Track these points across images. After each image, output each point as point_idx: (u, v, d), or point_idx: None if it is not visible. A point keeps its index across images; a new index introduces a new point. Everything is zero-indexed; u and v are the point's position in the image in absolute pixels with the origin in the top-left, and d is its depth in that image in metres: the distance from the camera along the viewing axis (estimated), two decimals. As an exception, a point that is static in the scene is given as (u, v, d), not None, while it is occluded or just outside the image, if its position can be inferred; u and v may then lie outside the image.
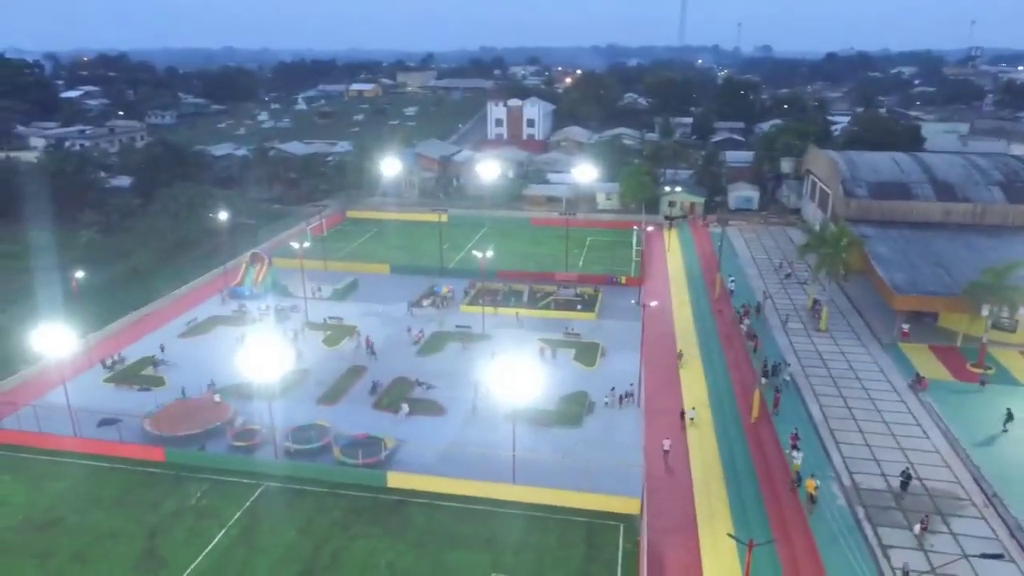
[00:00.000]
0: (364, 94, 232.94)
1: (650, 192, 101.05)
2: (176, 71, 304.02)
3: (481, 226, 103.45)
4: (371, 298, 74.25)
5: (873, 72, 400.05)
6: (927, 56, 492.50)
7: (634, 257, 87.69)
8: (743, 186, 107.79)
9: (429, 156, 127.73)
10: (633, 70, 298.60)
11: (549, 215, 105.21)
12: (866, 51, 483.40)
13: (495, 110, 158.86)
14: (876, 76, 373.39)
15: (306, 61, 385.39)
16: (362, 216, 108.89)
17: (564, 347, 61.44)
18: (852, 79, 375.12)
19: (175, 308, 71.89)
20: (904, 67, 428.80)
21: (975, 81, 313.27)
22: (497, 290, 75.58)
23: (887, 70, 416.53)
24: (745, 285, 70.48)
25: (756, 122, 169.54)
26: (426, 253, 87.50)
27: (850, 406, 46.49)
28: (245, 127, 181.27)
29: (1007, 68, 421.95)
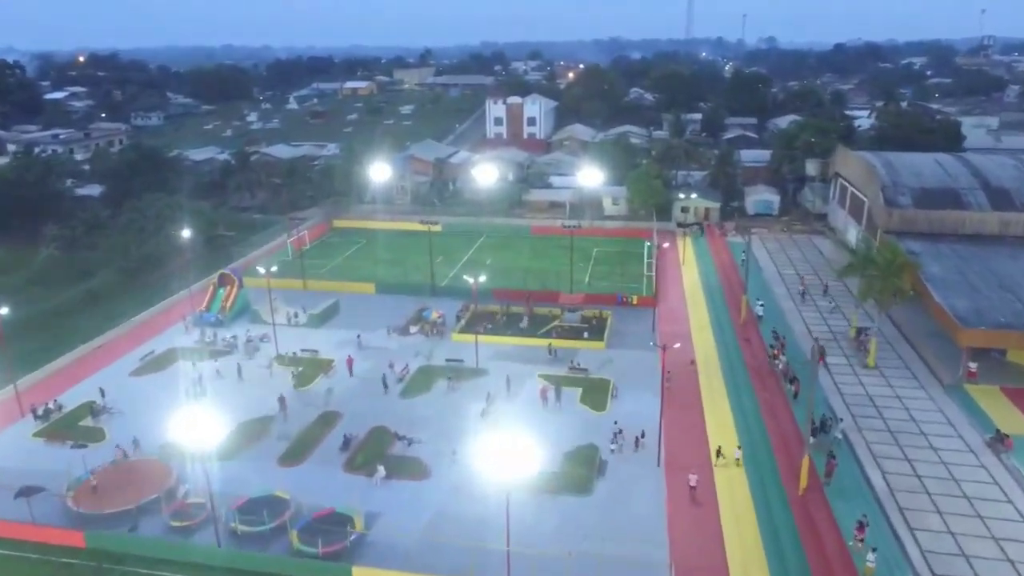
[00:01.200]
0: (359, 92, 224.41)
1: (661, 197, 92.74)
2: (168, 70, 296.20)
3: (478, 236, 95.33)
4: (353, 323, 66.18)
5: (883, 63, 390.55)
6: (937, 46, 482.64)
7: (646, 272, 79.47)
8: (762, 189, 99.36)
9: (423, 158, 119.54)
10: (637, 64, 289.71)
11: (552, 223, 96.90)
12: (874, 42, 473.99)
13: (494, 108, 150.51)
14: (886, 67, 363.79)
15: (302, 59, 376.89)
16: (350, 225, 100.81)
17: (569, 385, 53.36)
18: (862, 71, 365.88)
19: (132, 339, 63.96)
20: (914, 58, 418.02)
21: (989, 71, 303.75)
22: (494, 313, 67.51)
23: (897, 61, 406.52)
24: (774, 307, 62.13)
25: (769, 117, 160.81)
26: (418, 267, 79.30)
27: (919, 473, 38.27)
28: (233, 128, 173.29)
29: (1020, 58, 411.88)
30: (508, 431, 45.31)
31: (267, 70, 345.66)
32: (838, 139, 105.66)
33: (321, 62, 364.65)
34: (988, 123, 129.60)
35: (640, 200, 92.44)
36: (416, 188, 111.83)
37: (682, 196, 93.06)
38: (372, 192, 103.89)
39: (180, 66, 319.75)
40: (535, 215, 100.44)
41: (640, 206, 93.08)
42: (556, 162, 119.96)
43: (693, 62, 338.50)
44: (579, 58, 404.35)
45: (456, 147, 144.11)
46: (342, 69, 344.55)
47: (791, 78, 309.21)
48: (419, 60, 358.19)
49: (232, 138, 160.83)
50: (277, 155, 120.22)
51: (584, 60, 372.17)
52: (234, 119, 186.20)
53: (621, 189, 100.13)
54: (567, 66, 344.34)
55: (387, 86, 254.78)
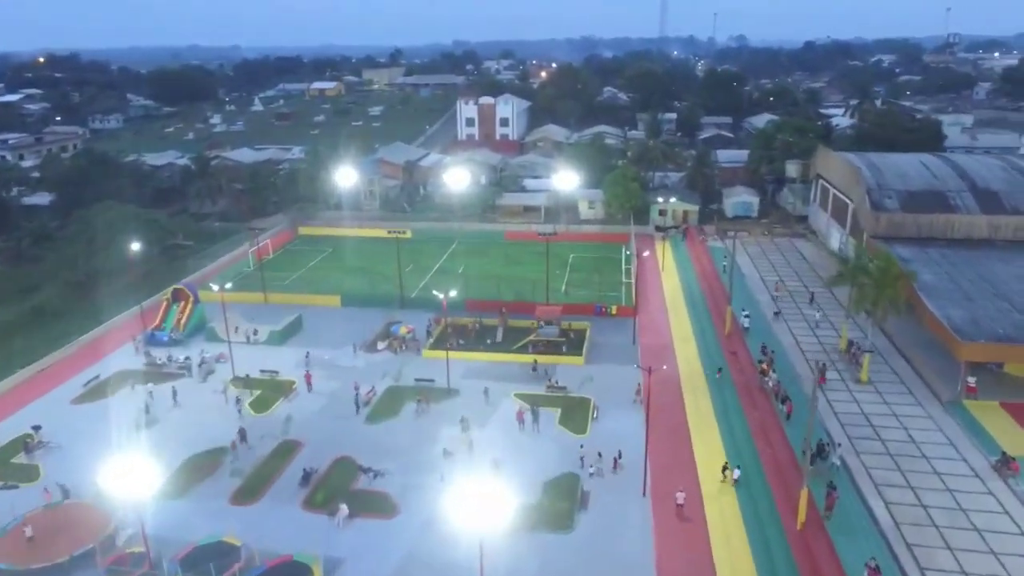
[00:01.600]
0: (326, 93, 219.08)
1: (638, 200, 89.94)
2: (129, 71, 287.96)
3: (450, 242, 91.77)
4: (317, 340, 62.27)
5: (852, 61, 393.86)
6: (905, 44, 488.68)
7: (624, 279, 76.54)
8: (741, 190, 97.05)
9: (392, 162, 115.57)
10: (610, 63, 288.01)
11: (526, 228, 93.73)
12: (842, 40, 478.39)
13: (465, 108, 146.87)
14: (856, 65, 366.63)
15: (270, 59, 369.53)
16: (316, 233, 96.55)
17: (547, 405, 50.10)
18: (832, 69, 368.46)
19: (76, 361, 59.42)
20: (883, 55, 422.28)
21: (956, 69, 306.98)
22: (466, 326, 64.03)
23: (866, 59, 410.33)
24: (760, 318, 59.36)
25: (744, 116, 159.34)
26: (386, 277, 75.56)
27: (925, 503, 35.59)
28: (195, 131, 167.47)
29: (984, 55, 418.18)
30: (481, 464, 42.57)
31: (234, 71, 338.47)
32: (816, 139, 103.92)
33: (289, 62, 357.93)
34: (963, 121, 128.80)
35: (617, 203, 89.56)
36: (385, 193, 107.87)
37: (660, 200, 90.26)
38: (339, 197, 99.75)
39: (143, 67, 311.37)
40: (509, 220, 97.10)
41: (617, 210, 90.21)
42: (530, 164, 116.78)
43: (665, 61, 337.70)
44: (552, 57, 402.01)
45: (427, 149, 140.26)
46: (311, 69, 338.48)
47: (763, 76, 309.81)
48: (389, 60, 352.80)
49: (194, 141, 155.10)
50: (239, 159, 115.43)
51: (557, 59, 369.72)
52: (197, 121, 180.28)
53: (597, 192, 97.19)
54: (540, 65, 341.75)
55: (356, 86, 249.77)
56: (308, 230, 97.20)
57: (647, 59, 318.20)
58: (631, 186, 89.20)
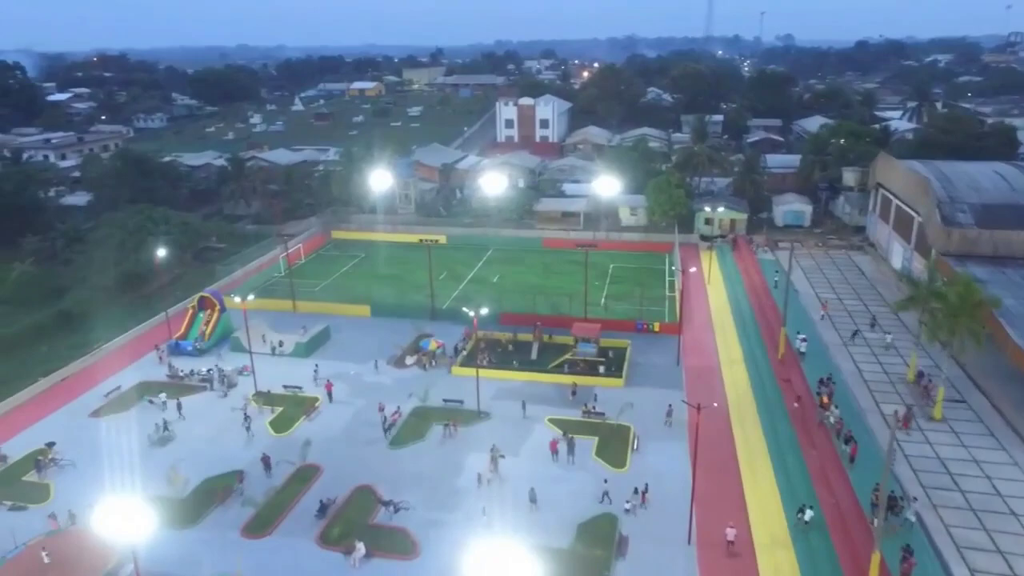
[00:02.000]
0: (366, 93, 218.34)
1: (683, 208, 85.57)
2: (175, 71, 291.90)
3: (485, 249, 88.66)
4: (343, 353, 59.76)
5: (906, 61, 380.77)
6: (961, 43, 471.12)
7: (667, 292, 72.42)
8: (792, 198, 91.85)
9: (429, 164, 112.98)
10: (653, 63, 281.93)
11: (564, 235, 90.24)
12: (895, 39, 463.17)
13: (505, 110, 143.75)
14: (910, 65, 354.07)
15: (313, 58, 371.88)
16: (349, 237, 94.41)
17: (583, 433, 46.55)
18: (885, 69, 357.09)
19: (99, 370, 57.76)
20: (939, 55, 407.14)
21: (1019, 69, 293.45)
22: (500, 341, 60.76)
23: (921, 58, 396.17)
24: (817, 342, 54.73)
25: (794, 119, 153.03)
26: (418, 286, 72.82)
27: (1018, 572, 31.12)
28: (235, 131, 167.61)
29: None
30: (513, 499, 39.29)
31: (277, 70, 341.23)
32: (873, 144, 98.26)
33: (332, 62, 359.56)
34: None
35: (660, 211, 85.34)
36: (421, 196, 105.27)
37: (707, 209, 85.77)
38: (373, 201, 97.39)
39: (192, 67, 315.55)
40: (547, 226, 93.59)
41: (660, 218, 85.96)
42: (569, 168, 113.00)
43: (710, 61, 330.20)
44: (594, 57, 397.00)
45: (464, 151, 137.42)
46: (352, 69, 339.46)
47: (811, 77, 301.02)
48: (430, 60, 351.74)
49: (233, 141, 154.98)
50: (275, 160, 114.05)
51: (599, 59, 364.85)
52: (237, 121, 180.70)
53: (639, 198, 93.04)
54: (581, 65, 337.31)
55: (396, 86, 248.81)
56: (341, 234, 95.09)
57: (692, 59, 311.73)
58: (675, 193, 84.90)
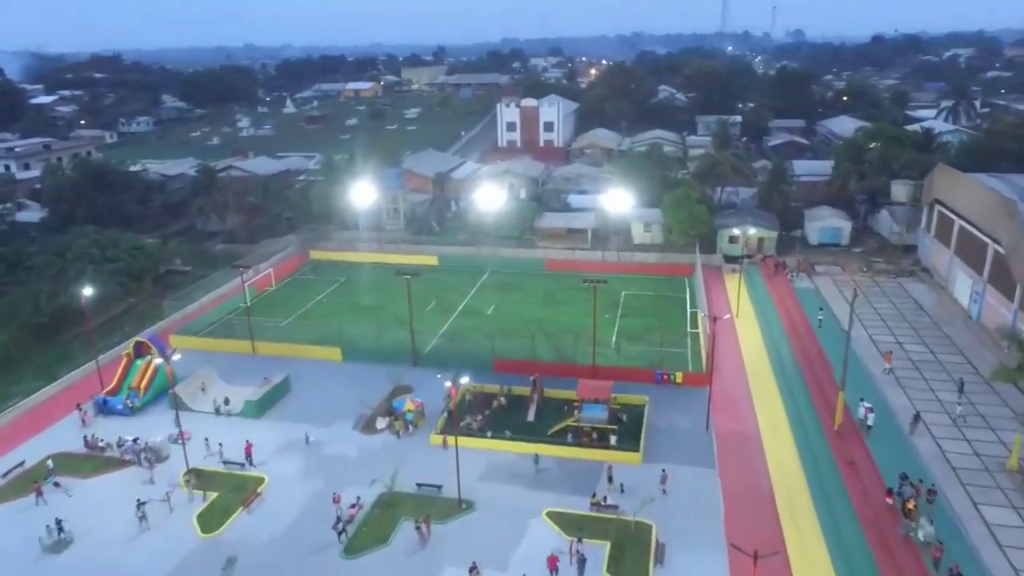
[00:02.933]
0: (361, 94, 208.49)
1: (705, 227, 75.18)
2: (169, 72, 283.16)
3: (481, 271, 78.65)
4: (303, 412, 49.87)
5: (925, 56, 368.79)
6: (979, 37, 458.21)
7: (689, 327, 62.11)
8: (827, 213, 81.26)
9: (421, 173, 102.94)
10: (663, 60, 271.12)
11: (570, 254, 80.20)
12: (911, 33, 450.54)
13: (506, 112, 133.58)
14: (930, 60, 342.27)
15: (313, 58, 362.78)
16: (329, 258, 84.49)
17: (592, 535, 36.39)
18: (902, 64, 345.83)
19: (9, 435, 48.04)
20: (959, 49, 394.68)
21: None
22: (492, 395, 50.70)
23: (940, 53, 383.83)
24: (885, 410, 44.06)
25: (817, 119, 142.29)
26: (403, 319, 62.67)
27: None
28: (221, 136, 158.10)
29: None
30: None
31: (276, 70, 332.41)
32: (912, 149, 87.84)
33: (332, 61, 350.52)
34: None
35: (680, 230, 74.93)
36: (412, 209, 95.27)
37: (735, 231, 75.40)
38: (356, 216, 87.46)
39: (196, 68, 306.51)
40: (550, 244, 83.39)
41: (679, 236, 75.51)
42: (575, 176, 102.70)
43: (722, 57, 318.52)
44: (601, 54, 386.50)
45: (463, 157, 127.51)
46: (353, 68, 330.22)
47: (826, 73, 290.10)
48: (433, 58, 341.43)
49: (218, 147, 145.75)
50: (253, 170, 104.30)
51: (607, 56, 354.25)
52: (225, 125, 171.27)
53: (654, 212, 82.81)
54: (589, 63, 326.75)
55: (394, 87, 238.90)
56: (320, 254, 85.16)
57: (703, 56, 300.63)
58: (696, 209, 74.53)
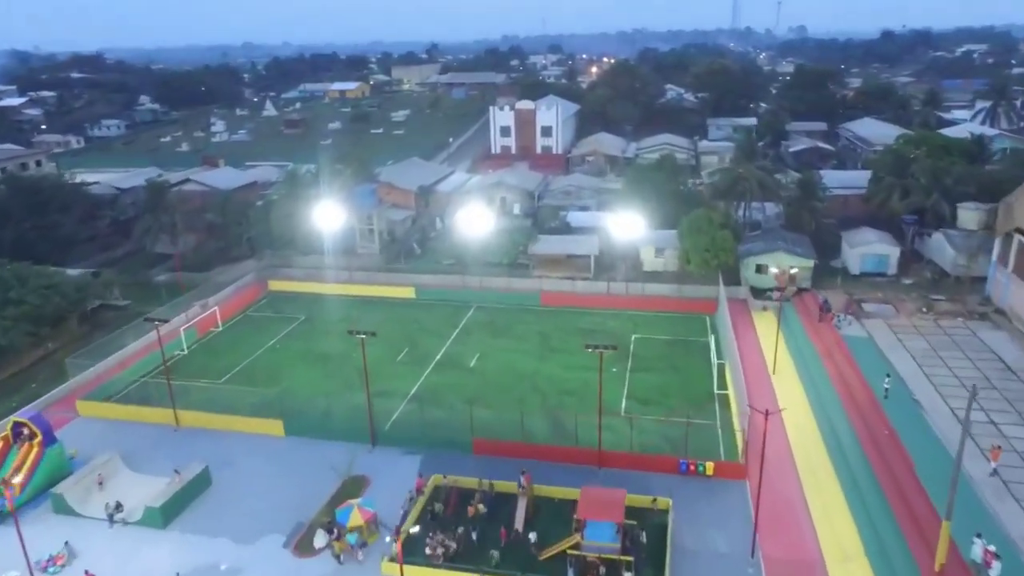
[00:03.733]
0: (347, 95, 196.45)
1: (730, 257, 63.46)
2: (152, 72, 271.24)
3: (466, 306, 67.25)
4: (224, 521, 38.38)
5: (936, 52, 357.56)
6: (990, 33, 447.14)
7: (715, 386, 50.55)
8: (871, 237, 69.51)
9: (402, 187, 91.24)
10: (668, 57, 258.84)
11: (569, 285, 68.70)
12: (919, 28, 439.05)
13: (500, 115, 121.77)
14: (943, 56, 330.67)
15: (304, 56, 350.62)
16: (290, 289, 73.00)
17: None
18: (913, 60, 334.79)
19: None
20: (971, 45, 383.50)
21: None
22: (468, 494, 39.17)
23: (951, 49, 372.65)
24: (994, 532, 32.46)
25: (838, 121, 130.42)
26: (371, 368, 51.48)
27: None
28: (192, 141, 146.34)
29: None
30: None
31: (266, 69, 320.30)
32: (961, 160, 76.42)
33: (324, 60, 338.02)
34: None
35: (699, 259, 63.15)
36: (391, 228, 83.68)
37: (775, 270, 63.69)
38: (325, 239, 75.82)
39: (193, 66, 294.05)
40: (546, 272, 71.78)
41: (700, 268, 63.74)
42: (576, 190, 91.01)
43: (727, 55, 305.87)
44: (602, 51, 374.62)
45: (452, 165, 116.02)
46: (346, 66, 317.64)
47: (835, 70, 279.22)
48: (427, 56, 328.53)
49: (187, 155, 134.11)
50: (214, 184, 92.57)
51: (608, 53, 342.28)
52: (198, 129, 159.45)
53: (668, 235, 71.26)
54: (590, 60, 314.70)
55: (384, 87, 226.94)
56: (281, 285, 73.62)
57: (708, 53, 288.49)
58: (720, 236, 62.80)
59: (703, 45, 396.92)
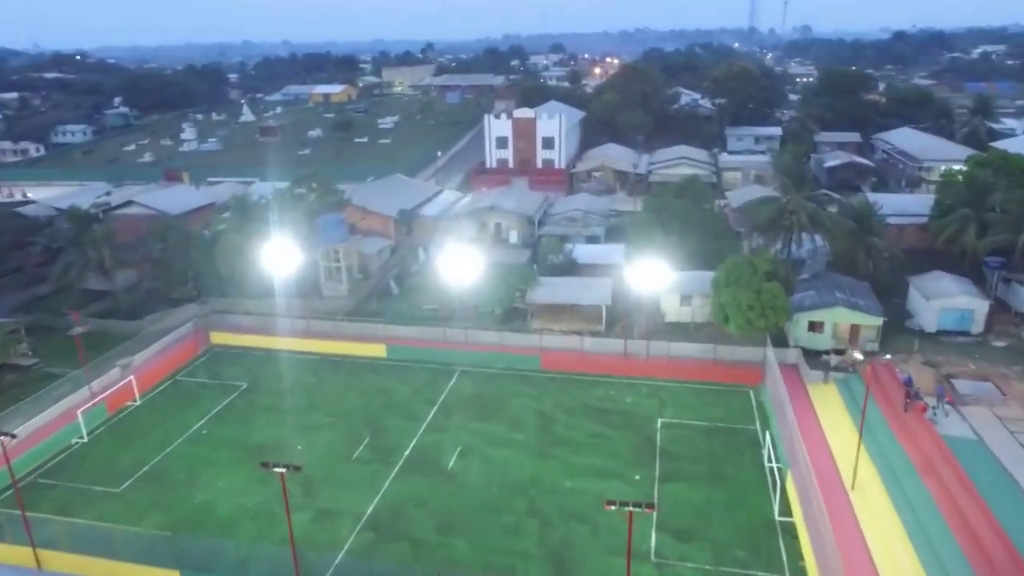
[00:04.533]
0: (332, 99, 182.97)
1: (781, 316, 50.15)
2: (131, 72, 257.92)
3: (448, 371, 54.34)
4: None
5: (952, 53, 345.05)
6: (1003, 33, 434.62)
7: (776, 511, 37.43)
8: (948, 285, 56.23)
9: (379, 211, 78.06)
10: (675, 58, 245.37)
11: (576, 343, 55.56)
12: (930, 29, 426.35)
13: (495, 125, 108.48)
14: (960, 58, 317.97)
15: (298, 55, 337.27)
16: (235, 343, 59.94)
17: None
18: (928, 62, 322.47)
19: None
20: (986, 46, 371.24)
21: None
22: None
23: (967, 50, 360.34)
24: None
25: (871, 131, 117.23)
26: (319, 469, 38.52)
27: None
28: (158, 150, 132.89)
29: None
30: None
31: (255, 69, 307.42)
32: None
33: (317, 59, 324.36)
34: None
35: (741, 320, 49.80)
36: (363, 263, 70.65)
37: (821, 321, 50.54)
38: (283, 279, 62.50)
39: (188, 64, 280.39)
40: (548, 325, 58.72)
41: (743, 331, 50.38)
42: (582, 215, 77.86)
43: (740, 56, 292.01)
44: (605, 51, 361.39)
45: (443, 180, 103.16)
46: (341, 67, 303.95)
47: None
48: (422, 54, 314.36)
49: (149, 166, 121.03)
50: (162, 208, 79.42)
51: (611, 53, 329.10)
52: (167, 136, 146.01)
53: (696, 278, 58.20)
54: (593, 60, 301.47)
55: (374, 89, 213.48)
56: (224, 338, 60.52)
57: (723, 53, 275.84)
58: (768, 289, 49.47)
59: (708, 45, 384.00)
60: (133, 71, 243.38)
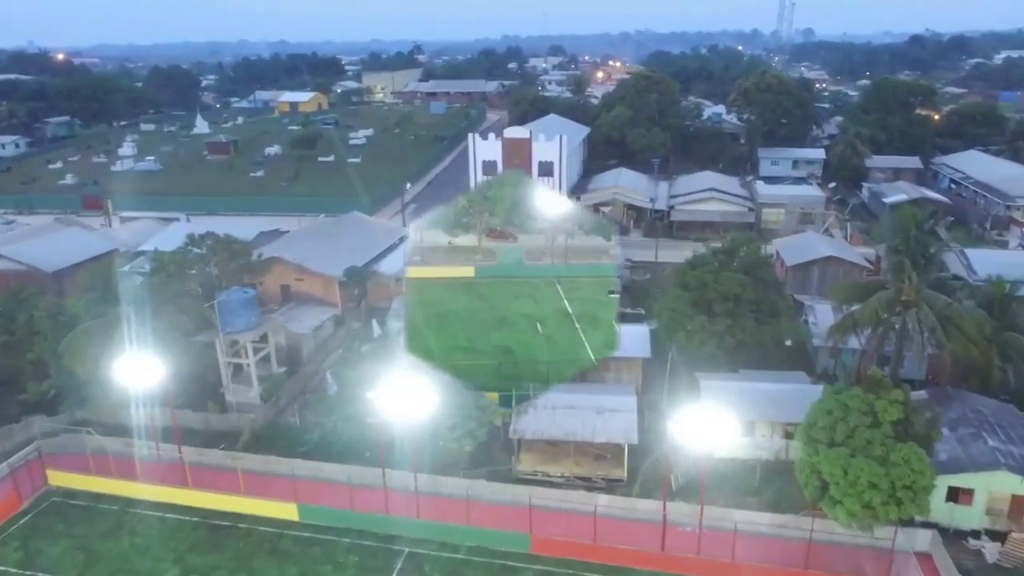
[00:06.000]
0: (300, 108, 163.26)
1: (925, 499, 30.78)
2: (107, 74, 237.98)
3: (390, 555, 35.06)
4: None
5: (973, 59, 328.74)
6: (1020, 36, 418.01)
7: None
8: None
9: (319, 271, 58.64)
10: (685, 62, 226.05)
11: (587, 505, 36.22)
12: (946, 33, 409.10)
13: (482, 146, 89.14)
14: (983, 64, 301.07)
15: (280, 56, 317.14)
16: (85, 488, 40.58)
17: None
18: (948, 67, 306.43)
19: None
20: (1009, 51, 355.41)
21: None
22: None
23: (989, 55, 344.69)
24: None
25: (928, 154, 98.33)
26: None
27: None
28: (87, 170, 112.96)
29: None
30: None
31: (233, 71, 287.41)
32: None
33: (299, 60, 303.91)
34: None
35: (859, 505, 30.43)
36: (292, 347, 51.46)
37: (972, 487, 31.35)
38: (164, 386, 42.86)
39: (189, 64, 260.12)
40: (543, 468, 39.51)
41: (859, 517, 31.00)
42: (591, 277, 58.49)
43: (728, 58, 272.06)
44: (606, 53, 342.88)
45: (418, 212, 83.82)
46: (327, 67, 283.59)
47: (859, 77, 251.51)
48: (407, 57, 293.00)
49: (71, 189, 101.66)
50: (34, 262, 59.95)
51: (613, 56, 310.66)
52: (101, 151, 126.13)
53: (760, 394, 39.01)
54: (595, 63, 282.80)
55: (352, 95, 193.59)
56: (68, 480, 41.09)
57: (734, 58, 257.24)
58: (899, 455, 30.07)
59: (714, 47, 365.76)
60: (75, 73, 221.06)
